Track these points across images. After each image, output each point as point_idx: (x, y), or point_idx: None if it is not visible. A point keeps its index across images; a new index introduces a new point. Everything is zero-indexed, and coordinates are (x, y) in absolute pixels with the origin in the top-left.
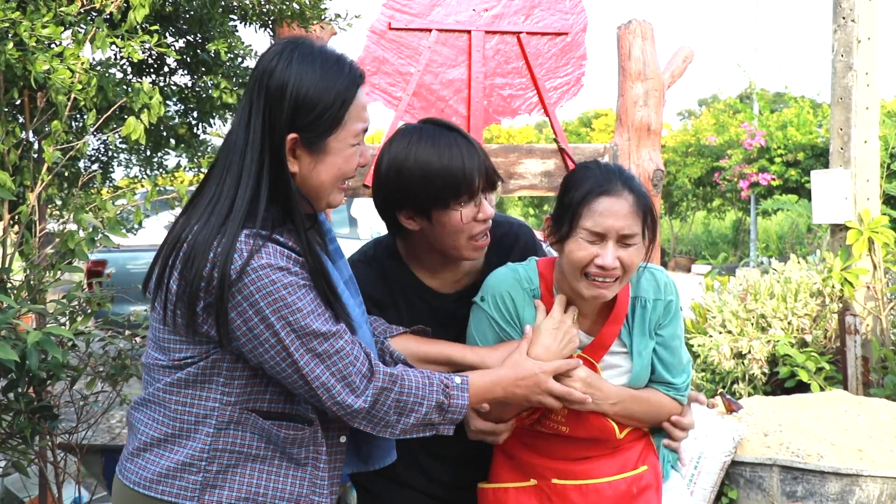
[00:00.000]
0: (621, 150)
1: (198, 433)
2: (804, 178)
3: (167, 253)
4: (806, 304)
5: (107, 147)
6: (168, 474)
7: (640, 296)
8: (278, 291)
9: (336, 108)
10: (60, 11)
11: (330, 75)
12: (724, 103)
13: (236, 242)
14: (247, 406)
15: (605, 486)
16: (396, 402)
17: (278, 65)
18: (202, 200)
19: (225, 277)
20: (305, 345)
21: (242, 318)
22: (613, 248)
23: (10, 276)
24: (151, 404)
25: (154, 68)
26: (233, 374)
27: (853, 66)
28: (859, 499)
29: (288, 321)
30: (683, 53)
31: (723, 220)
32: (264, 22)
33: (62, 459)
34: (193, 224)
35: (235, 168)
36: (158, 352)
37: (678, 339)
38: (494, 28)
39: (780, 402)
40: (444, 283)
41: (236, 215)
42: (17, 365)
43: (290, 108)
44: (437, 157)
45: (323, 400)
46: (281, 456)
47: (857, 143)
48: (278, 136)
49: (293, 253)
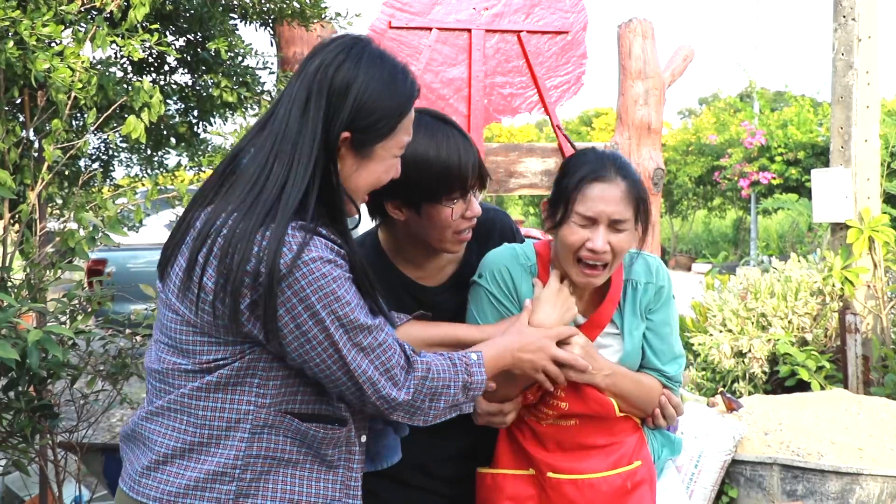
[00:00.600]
0: (622, 148)
1: (230, 439)
2: (805, 176)
3: (197, 245)
4: (806, 303)
5: (107, 146)
6: (197, 486)
7: (632, 278)
8: (329, 285)
9: (393, 118)
10: (61, 10)
11: (395, 83)
12: (725, 102)
13: (285, 236)
14: (281, 408)
15: (599, 481)
16: (429, 389)
17: (346, 61)
18: (237, 187)
19: (274, 272)
20: (352, 339)
21: (291, 314)
22: (604, 233)
23: (11, 274)
24: (172, 413)
25: (154, 67)
26: (269, 375)
27: (854, 64)
28: (859, 497)
29: (337, 315)
30: (684, 52)
31: (723, 219)
32: (265, 21)
33: (62, 458)
34: (231, 212)
35: (286, 156)
36: (178, 356)
37: (669, 326)
38: (495, 27)
39: (780, 400)
40: (427, 274)
41: (286, 207)
42: (17, 363)
43: (353, 107)
44: (435, 151)
45: (368, 395)
46: (313, 459)
47: (858, 142)
48: (335, 133)
49: (336, 246)
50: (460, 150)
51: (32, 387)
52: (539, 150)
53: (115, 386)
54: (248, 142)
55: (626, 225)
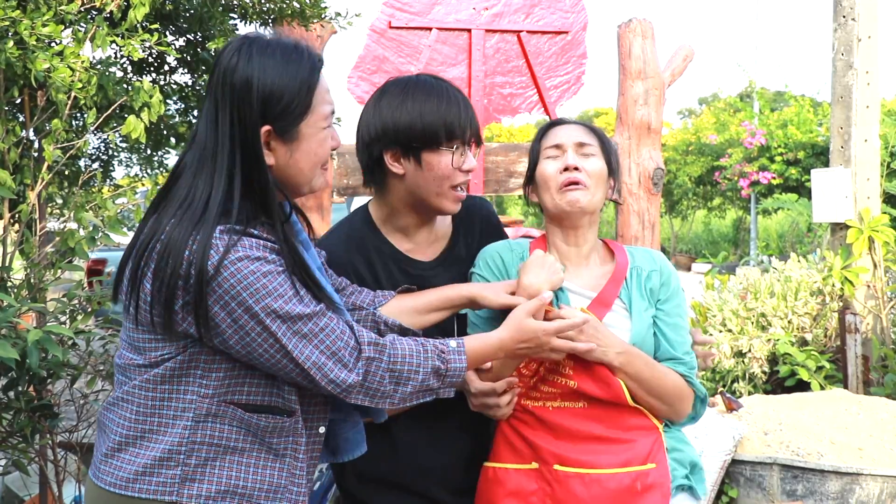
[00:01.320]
0: (622, 148)
1: (175, 427)
2: (804, 176)
3: (139, 253)
4: (806, 303)
5: (107, 146)
6: (145, 471)
7: (637, 265)
8: (258, 281)
9: (303, 95)
10: (60, 10)
11: (291, 63)
12: (725, 102)
13: (211, 239)
14: (225, 398)
15: (607, 478)
16: (390, 372)
17: (239, 61)
18: (172, 201)
19: (203, 274)
20: (291, 328)
21: (226, 311)
22: (575, 156)
23: (11, 274)
24: (124, 403)
25: (154, 67)
26: (210, 367)
27: (853, 64)
28: (859, 497)
29: (272, 308)
30: (684, 52)
31: (723, 219)
32: (264, 20)
33: (62, 458)
34: (165, 224)
35: (207, 169)
36: (133, 352)
37: (680, 317)
38: (495, 27)
39: (780, 400)
40: (418, 247)
41: (210, 213)
42: (17, 363)
43: (259, 101)
44: (437, 100)
45: (317, 380)
46: (259, 447)
47: (858, 142)
48: (251, 131)
49: (269, 243)
50: (461, 104)
51: (32, 386)
52: None
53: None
54: (181, 160)
55: (592, 150)
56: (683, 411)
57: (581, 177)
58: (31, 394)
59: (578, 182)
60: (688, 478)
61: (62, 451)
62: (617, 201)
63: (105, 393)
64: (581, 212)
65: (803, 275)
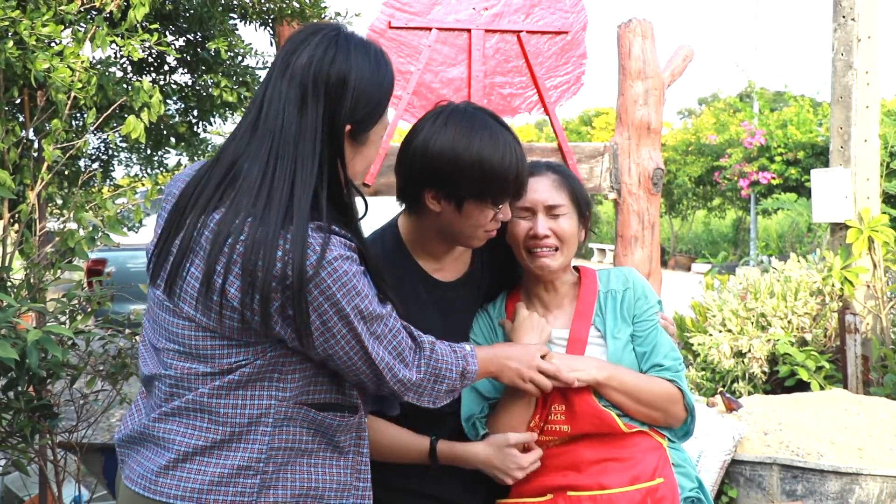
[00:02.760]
0: (621, 148)
1: (253, 433)
2: (804, 176)
3: (214, 253)
4: (806, 303)
5: (107, 146)
6: (221, 481)
7: (611, 289)
8: (350, 281)
9: (384, 102)
10: (60, 10)
11: (381, 69)
12: (725, 102)
13: (307, 237)
14: (299, 399)
15: (619, 497)
16: (434, 370)
17: (337, 54)
18: (243, 192)
19: (303, 274)
20: (369, 329)
21: (318, 312)
22: (544, 220)
23: (11, 274)
24: (191, 412)
25: (154, 67)
26: (288, 369)
27: (853, 64)
28: (859, 497)
29: (359, 309)
30: (683, 52)
31: (723, 219)
32: (264, 20)
33: (62, 458)
34: (245, 218)
35: (288, 158)
36: (194, 361)
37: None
38: (494, 27)
39: (779, 400)
40: (443, 268)
41: (300, 209)
42: (17, 363)
43: (353, 98)
44: (499, 156)
45: (386, 380)
46: (325, 446)
47: (857, 142)
48: (339, 126)
49: (349, 241)
50: (519, 161)
51: (32, 387)
52: (538, 149)
53: (115, 386)
54: (243, 147)
55: (563, 210)
56: (677, 415)
57: (551, 242)
58: (30, 394)
59: (550, 247)
60: (695, 491)
61: (62, 452)
62: (619, 192)
63: (105, 393)
64: (551, 273)
65: (803, 275)
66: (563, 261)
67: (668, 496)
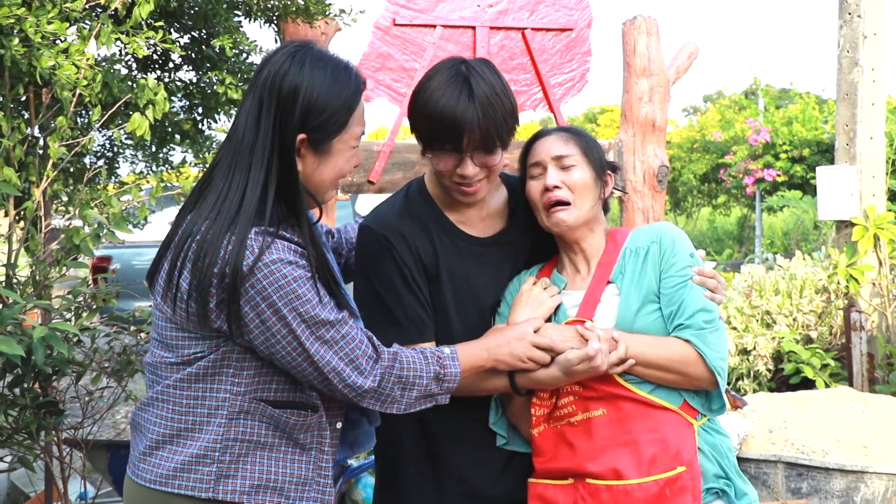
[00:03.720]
0: (626, 146)
1: (210, 425)
2: (810, 174)
3: (176, 251)
4: (811, 301)
5: (112, 143)
6: (183, 468)
7: (635, 246)
8: (289, 284)
9: (343, 113)
10: (65, 7)
11: (339, 81)
12: (730, 99)
13: (247, 239)
14: (255, 396)
15: (634, 488)
16: (399, 379)
17: (291, 67)
18: (209, 197)
19: (237, 273)
20: (314, 333)
21: (255, 311)
22: (554, 172)
23: (16, 271)
24: (160, 402)
25: (159, 64)
26: (241, 366)
27: (859, 61)
28: (864, 495)
29: (299, 312)
30: (688, 49)
31: (728, 217)
32: (269, 18)
33: (67, 455)
34: (202, 221)
35: (244, 165)
36: (165, 350)
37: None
38: (499, 24)
39: (784, 398)
40: (469, 221)
41: (246, 213)
42: (22, 360)
43: (302, 110)
44: (439, 101)
45: (334, 384)
46: (287, 442)
47: (863, 140)
48: (289, 137)
49: (298, 247)
50: (460, 107)
51: (38, 383)
52: None
53: (120, 383)
54: (219, 156)
55: (572, 160)
56: (698, 376)
57: (563, 194)
58: (36, 391)
59: (561, 200)
60: (722, 479)
61: (67, 448)
62: (623, 190)
63: (110, 390)
64: (569, 229)
65: (808, 272)
66: (580, 214)
67: (688, 486)
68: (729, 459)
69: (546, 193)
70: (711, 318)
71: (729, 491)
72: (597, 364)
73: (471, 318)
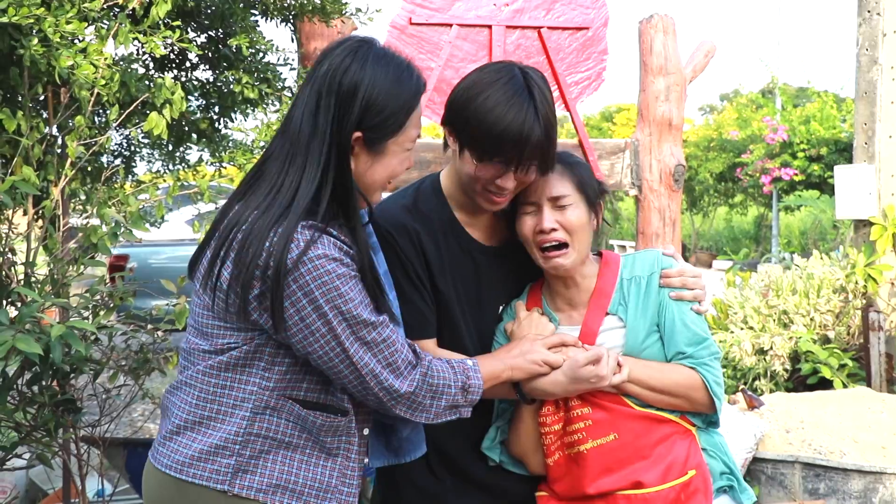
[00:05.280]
0: (642, 144)
1: (233, 416)
2: (827, 173)
3: (220, 240)
4: (829, 301)
5: (129, 142)
6: (201, 457)
7: (635, 275)
8: (332, 281)
9: (402, 114)
10: (84, 7)
11: (401, 81)
12: (747, 98)
13: (294, 233)
14: (284, 393)
15: (653, 497)
16: (430, 387)
17: (353, 63)
18: (261, 188)
19: (281, 266)
20: (355, 333)
21: (296, 307)
22: (549, 213)
23: (35, 270)
24: (187, 387)
25: (176, 63)
26: (274, 360)
27: (878, 60)
28: (883, 497)
29: (340, 310)
30: (705, 48)
31: (745, 216)
32: (285, 17)
33: (85, 452)
34: (252, 211)
35: (300, 158)
36: (200, 337)
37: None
38: (515, 23)
39: (802, 398)
40: (478, 228)
41: (297, 207)
42: (41, 358)
43: (361, 107)
44: (502, 113)
45: (370, 386)
46: (313, 445)
47: (882, 138)
48: (346, 134)
49: (345, 245)
50: (525, 126)
51: (56, 381)
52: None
53: (137, 381)
54: (272, 148)
55: (568, 200)
56: (701, 401)
57: (560, 236)
58: (54, 388)
59: (557, 242)
60: (727, 476)
61: (85, 446)
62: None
63: (127, 388)
64: (567, 272)
65: (826, 272)
66: (577, 256)
67: (700, 488)
68: (729, 456)
69: (541, 234)
70: (705, 345)
71: (735, 486)
72: (602, 372)
73: (478, 321)
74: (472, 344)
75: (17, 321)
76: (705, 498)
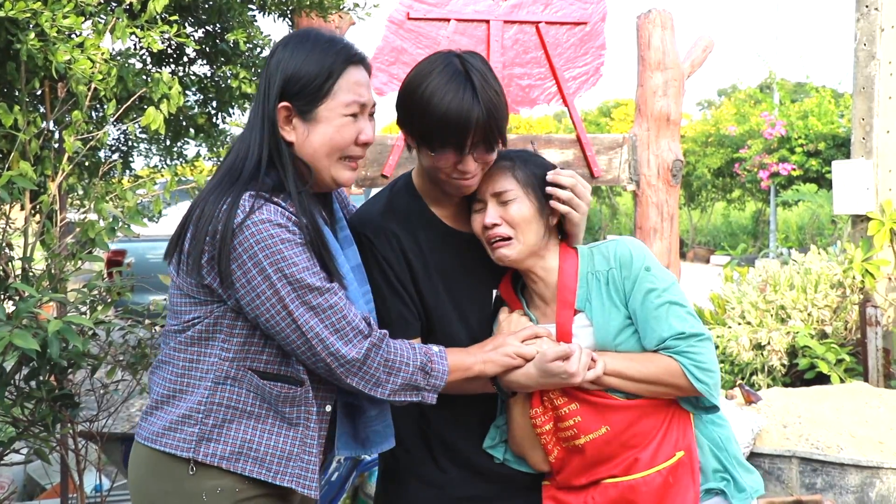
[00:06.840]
0: (640, 140)
1: (198, 388)
2: (825, 168)
3: (184, 217)
4: (826, 296)
5: (127, 137)
6: (170, 427)
7: (595, 270)
8: (276, 245)
9: (321, 79)
10: (81, 2)
11: (317, 51)
12: (745, 93)
13: (239, 200)
14: (244, 364)
15: (639, 483)
16: (385, 360)
17: (279, 48)
18: (221, 169)
19: (227, 230)
20: (300, 297)
21: (242, 269)
22: (493, 209)
23: (32, 265)
24: (164, 364)
25: (173, 58)
26: (232, 332)
27: (876, 55)
28: (879, 491)
29: (284, 273)
30: (703, 43)
31: (742, 211)
32: (283, 12)
33: (83, 447)
34: (210, 189)
35: (245, 140)
36: (172, 318)
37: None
38: (513, 18)
39: (799, 393)
40: (456, 217)
41: (243, 178)
42: (38, 353)
43: (281, 80)
44: (443, 100)
45: (318, 351)
46: (274, 415)
47: (880, 133)
48: (272, 106)
49: (291, 214)
50: (465, 107)
51: (53, 376)
52: (557, 141)
53: (135, 376)
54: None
55: (511, 195)
56: (687, 388)
57: (502, 231)
58: (52, 383)
59: (501, 237)
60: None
61: (83, 441)
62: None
63: (125, 383)
64: (514, 263)
65: (823, 267)
66: (523, 248)
67: (687, 464)
68: (728, 451)
69: (486, 230)
70: (683, 330)
71: (727, 489)
72: (571, 369)
73: (471, 308)
74: (467, 334)
75: (14, 316)
76: (692, 476)
